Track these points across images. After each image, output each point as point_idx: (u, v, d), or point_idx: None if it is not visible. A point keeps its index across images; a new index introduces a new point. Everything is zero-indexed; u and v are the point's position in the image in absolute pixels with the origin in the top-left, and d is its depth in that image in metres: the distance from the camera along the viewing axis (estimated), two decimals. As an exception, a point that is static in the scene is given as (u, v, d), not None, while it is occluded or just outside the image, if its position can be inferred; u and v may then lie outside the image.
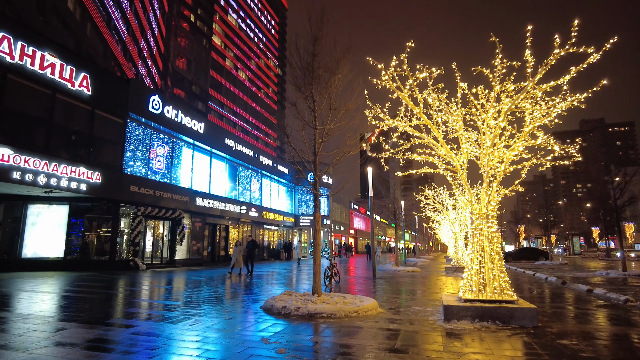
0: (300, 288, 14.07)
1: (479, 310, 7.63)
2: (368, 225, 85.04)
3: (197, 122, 26.73)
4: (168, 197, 23.69)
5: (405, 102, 8.63)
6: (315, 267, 9.50)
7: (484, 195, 8.51)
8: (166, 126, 23.89)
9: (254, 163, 34.78)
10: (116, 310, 9.04)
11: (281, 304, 8.60)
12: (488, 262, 8.12)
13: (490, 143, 8.23)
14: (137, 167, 22.01)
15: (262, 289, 13.26)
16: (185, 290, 12.85)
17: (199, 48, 76.63)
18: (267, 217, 36.60)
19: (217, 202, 28.66)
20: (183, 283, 15.48)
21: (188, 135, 25.88)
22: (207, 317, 8.09)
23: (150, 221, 23.68)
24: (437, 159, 9.12)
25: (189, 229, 26.53)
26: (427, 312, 8.87)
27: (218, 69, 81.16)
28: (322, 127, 9.96)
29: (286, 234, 43.07)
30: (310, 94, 9.94)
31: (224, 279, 17.18)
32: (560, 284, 16.10)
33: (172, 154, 25.07)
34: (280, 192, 42.32)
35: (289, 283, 16.03)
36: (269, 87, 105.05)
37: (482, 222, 8.37)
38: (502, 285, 7.95)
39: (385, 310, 9.02)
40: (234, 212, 30.92)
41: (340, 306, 8.37)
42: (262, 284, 15.25)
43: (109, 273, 18.43)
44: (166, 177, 24.35)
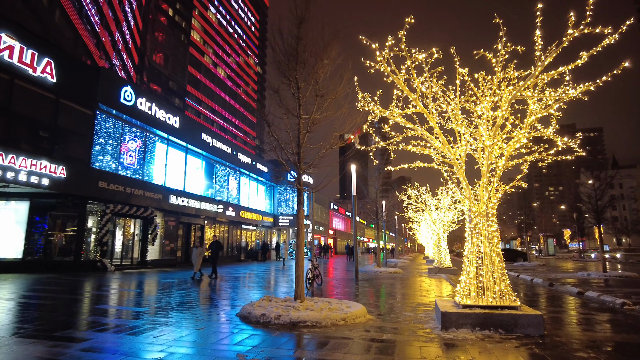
0: (280, 292, 13.16)
1: (480, 317, 6.91)
2: (347, 225, 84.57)
3: (172, 115, 25.46)
4: (140, 195, 22.39)
5: (400, 87, 7.85)
6: (298, 270, 8.64)
7: (483, 191, 7.82)
8: (139, 119, 22.58)
9: (232, 160, 33.61)
10: (71, 319, 7.95)
11: (260, 310, 7.69)
12: (488, 264, 7.42)
13: (492, 135, 7.53)
14: (106, 162, 20.66)
15: (239, 293, 12.29)
16: (154, 294, 11.78)
17: (177, 43, 74.66)
18: (245, 217, 35.47)
19: (192, 200, 27.42)
20: (153, 286, 14.36)
21: (162, 129, 24.60)
22: (175, 326, 7.12)
23: (120, 220, 22.32)
24: (432, 151, 8.37)
25: (162, 229, 25.24)
26: (419, 319, 8.11)
27: (196, 65, 79.28)
28: (307, 116, 9.11)
29: (264, 234, 41.99)
30: (295, 80, 9.07)
31: (199, 281, 16.12)
32: (547, 285, 15.68)
33: (145, 149, 23.76)
34: (259, 191, 41.22)
35: (268, 286, 15.09)
36: (249, 85, 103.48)
37: (481, 220, 7.67)
38: (504, 290, 7.26)
39: (374, 317, 8.22)
40: (210, 211, 29.71)
41: (326, 313, 7.52)
42: (239, 287, 14.27)
43: (73, 275, 17.09)
44: (138, 173, 23.03)
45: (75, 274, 17.64)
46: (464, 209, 23.13)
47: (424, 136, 8.40)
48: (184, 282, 15.48)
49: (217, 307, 9.59)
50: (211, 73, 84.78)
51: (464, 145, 8.01)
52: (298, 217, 8.89)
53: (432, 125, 8.28)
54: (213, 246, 18.29)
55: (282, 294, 12.12)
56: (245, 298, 11.04)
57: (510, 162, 7.89)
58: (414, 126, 8.53)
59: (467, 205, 7.98)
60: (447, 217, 23.00)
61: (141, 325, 7.15)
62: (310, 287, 13.31)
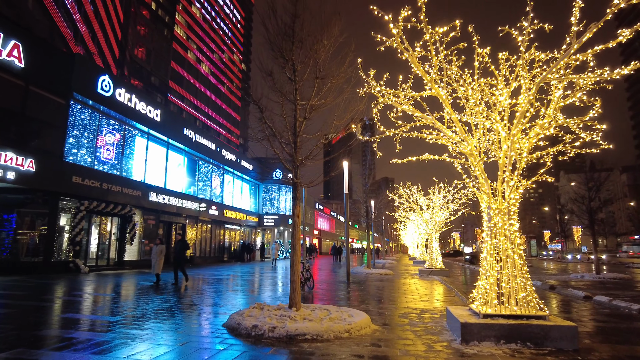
0: (269, 297, 12.14)
1: (505, 328, 6.05)
2: (332, 226, 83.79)
3: (153, 108, 24.14)
4: (117, 191, 21.04)
5: (415, 66, 6.95)
6: (294, 274, 7.64)
7: (502, 186, 6.97)
8: (117, 111, 21.23)
9: (215, 157, 32.35)
10: (26, 333, 6.78)
11: (251, 321, 6.68)
12: (510, 267, 6.58)
13: (515, 122, 6.67)
14: (81, 156, 19.28)
15: (225, 298, 11.22)
16: (130, 300, 10.63)
17: (160, 38, 72.65)
18: (228, 216, 34.24)
19: (173, 198, 26.12)
20: (130, 289, 13.17)
21: (142, 122, 23.26)
22: (152, 341, 6.06)
23: (96, 217, 20.93)
24: (447, 141, 7.49)
25: (141, 227, 23.88)
26: (431, 329, 7.22)
27: (179, 60, 77.38)
28: (305, 102, 8.14)
29: (248, 234, 40.76)
30: (291, 61, 8.09)
31: (179, 284, 14.97)
32: (548, 289, 15.03)
33: (123, 142, 22.40)
34: (244, 190, 40.00)
35: (256, 290, 14.05)
36: (233, 82, 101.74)
37: (502, 219, 6.83)
38: (529, 297, 6.42)
39: (379, 327, 7.30)
40: (192, 209, 28.44)
41: (327, 324, 6.56)
42: (224, 291, 13.18)
43: (43, 277, 15.72)
44: (116, 169, 21.67)
45: (45, 276, 16.26)
46: (454, 208, 22.50)
47: (435, 125, 7.54)
48: (163, 285, 14.32)
49: (201, 315, 8.52)
50: (195, 69, 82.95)
51: (483, 135, 7.15)
52: (294, 214, 7.90)
53: (446, 113, 7.43)
54: (177, 246, 15.43)
55: (272, 299, 11.11)
56: (232, 304, 10.00)
57: (532, 155, 7.07)
58: (422, 115, 7.66)
59: (484, 202, 7.13)
60: (439, 216, 22.29)
61: (111, 340, 6.06)
62: (302, 291, 12.34)
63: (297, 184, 7.83)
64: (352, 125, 8.36)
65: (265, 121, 7.95)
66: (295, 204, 7.88)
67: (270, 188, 43.23)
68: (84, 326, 7.14)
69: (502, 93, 6.89)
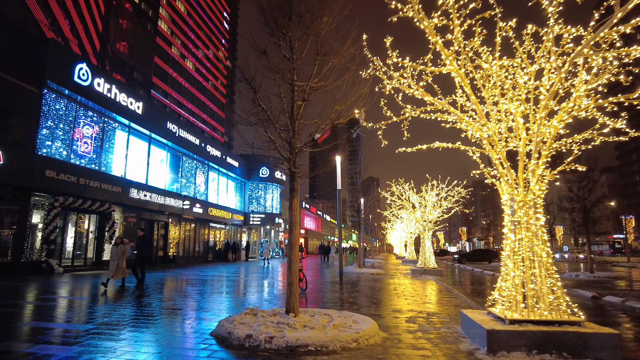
0: (258, 299, 11.24)
1: (537, 336, 5.28)
2: (319, 225, 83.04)
3: (134, 100, 22.93)
4: (96, 187, 19.82)
5: (431, 38, 6.15)
6: (292, 275, 6.77)
7: (524, 175, 6.24)
8: (96, 102, 19.99)
9: (200, 153, 31.19)
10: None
11: (244, 330, 5.78)
12: (539, 266, 5.83)
13: (544, 104, 5.92)
14: (56, 149, 18.04)
15: (211, 301, 10.28)
16: (105, 303, 9.60)
17: (143, 32, 70.75)
18: (213, 214, 33.09)
19: (155, 195, 24.93)
20: (110, 289, 12.12)
21: (123, 115, 22.04)
22: (126, 356, 5.13)
23: (72, 215, 19.69)
24: (463, 125, 6.71)
25: (121, 225, 22.64)
26: (446, 336, 6.44)
27: (163, 56, 75.56)
28: (304, 83, 7.27)
29: (234, 233, 39.62)
30: (287, 39, 7.22)
31: (160, 285, 13.94)
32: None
33: (102, 136, 21.16)
34: (229, 188, 38.85)
35: (243, 292, 13.11)
36: (218, 79, 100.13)
37: (527, 212, 6.08)
38: (560, 299, 5.69)
39: (388, 335, 6.48)
40: (176, 207, 27.27)
41: (332, 333, 5.71)
42: (209, 293, 12.22)
43: (10, 279, 14.51)
44: (94, 163, 20.43)
45: (14, 277, 15.04)
46: (448, 206, 21.89)
47: (450, 110, 6.77)
48: (145, 284, 13.27)
49: (185, 321, 7.58)
50: (179, 65, 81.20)
51: (506, 118, 6.38)
52: (291, 208, 7.02)
53: (460, 95, 6.66)
54: (140, 244, 13.40)
55: (264, 303, 10.21)
56: (219, 309, 9.06)
57: (558, 142, 6.34)
58: (434, 99, 6.89)
59: (506, 194, 6.37)
60: (431, 214, 21.65)
61: (77, 355, 5.09)
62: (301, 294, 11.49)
63: (295, 174, 6.96)
64: (355, 110, 7.51)
65: (259, 103, 7.05)
66: (293, 196, 7.00)
67: (257, 186, 42.17)
68: (48, 337, 6.14)
69: (528, 72, 6.13)
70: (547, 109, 5.97)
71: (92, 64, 20.18)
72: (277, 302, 10.18)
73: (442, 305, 9.90)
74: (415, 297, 11.47)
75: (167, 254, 27.13)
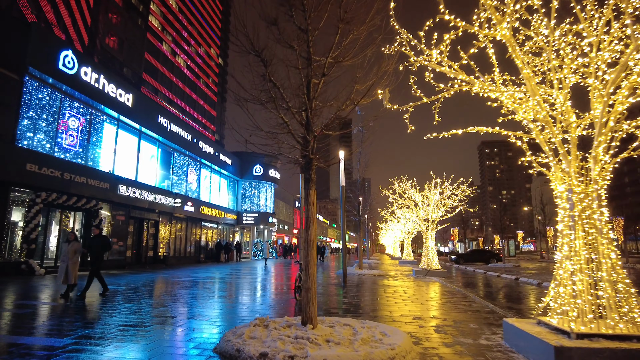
0: (263, 305, 10.22)
1: (617, 355, 4.36)
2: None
3: (124, 92, 21.73)
4: (82, 182, 18.62)
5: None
6: (309, 280, 5.75)
7: (577, 164, 5.33)
8: (83, 92, 18.79)
9: (192, 149, 30.01)
10: None
11: (256, 347, 4.77)
12: (608, 269, 4.91)
13: (615, 76, 5.00)
14: (38, 141, 16.83)
15: (208, 307, 9.24)
16: (89, 310, 8.51)
17: (134, 27, 69.16)
18: (205, 213, 31.93)
19: (145, 192, 23.74)
20: (91, 296, 11.00)
21: (112, 107, 20.84)
22: (112, 379, 4.09)
23: (56, 212, 18.45)
24: (510, 103, 5.78)
25: (109, 224, 21.43)
26: (489, 348, 5.49)
27: (154, 52, 73.97)
28: (321, 58, 6.28)
29: (226, 232, 38.42)
30: (301, 6, 6.22)
31: (151, 288, 12.85)
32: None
33: (89, 128, 19.95)
34: (222, 186, 37.68)
35: (243, 295, 12.07)
36: (209, 77, 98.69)
37: (590, 205, 5.16)
38: (635, 309, 4.78)
39: (423, 350, 5.52)
40: (166, 205, 26.09)
41: (364, 350, 4.72)
42: (205, 297, 11.16)
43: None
44: (81, 157, 19.23)
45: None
46: (453, 205, 21.04)
47: (484, 90, 5.85)
48: (133, 289, 12.18)
49: (181, 332, 6.55)
50: (170, 62, 79.63)
51: (567, 95, 5.45)
52: (307, 201, 6.02)
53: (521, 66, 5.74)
54: (94, 243, 11.10)
55: (271, 310, 9.20)
56: (220, 317, 8.04)
57: (623, 124, 5.43)
58: (467, 77, 5.98)
59: (564, 184, 5.45)
60: (436, 213, 20.78)
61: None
62: (300, 296, 10.51)
63: (312, 161, 5.96)
64: (379, 90, 6.55)
65: (271, 78, 6.04)
66: (310, 187, 6.00)
67: (250, 184, 41.05)
68: (12, 357, 5.07)
69: (596, 33, 5.19)
70: (614, 84, 5.06)
71: (79, 51, 18.97)
72: (285, 309, 9.18)
73: (465, 312, 8.98)
74: (431, 302, 10.53)
75: (157, 254, 25.92)
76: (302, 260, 5.98)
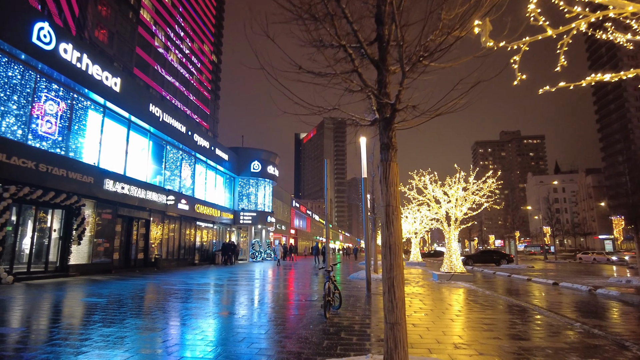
0: (295, 331, 7.99)
1: None
2: (308, 225, 79.86)
3: (111, 75, 19.38)
4: (61, 176, 16.28)
5: None
6: (398, 312, 3.56)
7: None
8: (62, 72, 16.45)
9: (186, 143, 27.65)
10: None
11: None
12: None
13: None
14: (7, 126, 14.47)
15: (219, 330, 7.01)
16: (59, 333, 6.25)
17: (124, 21, 66.66)
18: (200, 212, 29.57)
19: (135, 188, 21.38)
20: (67, 310, 8.72)
21: (97, 91, 18.49)
22: None
23: (30, 209, 16.06)
24: None
25: (93, 223, 19.05)
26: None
27: (146, 47, 71.44)
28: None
29: (222, 232, 36.02)
30: None
31: (139, 300, 10.58)
32: (618, 299, 11.58)
33: (70, 114, 17.59)
34: (218, 183, 35.33)
35: (259, 312, 9.83)
36: (203, 73, 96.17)
37: None
38: None
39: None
40: (159, 203, 23.73)
41: None
42: (209, 314, 8.92)
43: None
44: (60, 147, 16.87)
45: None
46: (479, 201, 18.92)
47: None
48: (116, 302, 9.89)
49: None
50: (162, 57, 77.06)
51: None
52: (386, 181, 3.82)
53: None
54: None
55: (309, 340, 6.98)
56: (242, 352, 5.83)
57: None
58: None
59: None
60: (460, 210, 18.68)
61: None
62: (331, 312, 8.34)
63: (395, 115, 3.76)
64: (476, 21, 4.39)
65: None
66: (389, 157, 3.78)
67: (247, 182, 38.73)
68: None
69: None
70: None
71: (58, 25, 16.60)
72: (318, 336, 6.97)
73: (559, 335, 6.83)
74: (500, 318, 8.36)
75: (148, 257, 23.54)
76: (383, 275, 3.77)
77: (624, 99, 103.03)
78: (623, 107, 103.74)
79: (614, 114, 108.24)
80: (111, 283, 14.60)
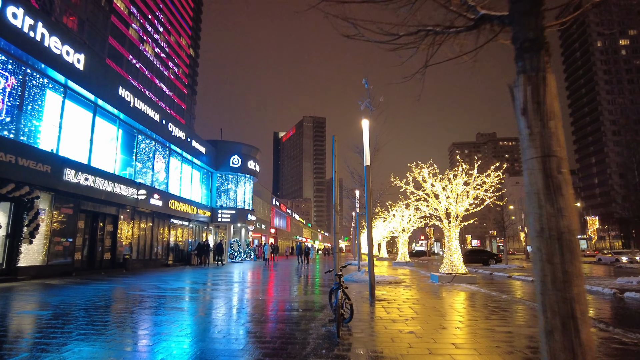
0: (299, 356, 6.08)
1: None
2: (288, 224, 77.78)
3: (72, 50, 17.00)
4: (8, 162, 13.87)
5: None
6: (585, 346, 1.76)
7: None
8: (11, 41, 14.04)
9: (160, 132, 25.30)
10: None
11: None
12: None
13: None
14: (-59, 101, 12.04)
15: (186, 354, 5.07)
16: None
17: (96, 8, 63.30)
18: (175, 208, 27.23)
19: (101, 180, 18.99)
20: (7, 327, 6.60)
21: (56, 68, 16.11)
22: None
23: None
24: None
25: (50, 218, 16.63)
26: None
27: (120, 37, 68.12)
28: None
29: (198, 231, 33.64)
30: None
31: (95, 313, 8.48)
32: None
33: (22, 93, 15.18)
34: (194, 178, 32.96)
35: (251, 324, 7.88)
36: (179, 67, 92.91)
37: None
38: None
39: None
40: (128, 197, 21.35)
41: None
42: (191, 333, 6.94)
43: None
44: (8, 129, 14.47)
45: None
46: (481, 196, 17.39)
47: None
48: (65, 314, 7.76)
49: None
50: (137, 49, 73.70)
51: None
52: (540, 106, 2.02)
53: None
54: None
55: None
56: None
57: None
58: None
59: None
60: (462, 206, 17.12)
61: None
62: (344, 327, 6.56)
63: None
64: None
65: None
66: (541, 63, 1.98)
67: (226, 177, 36.47)
68: None
69: None
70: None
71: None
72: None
73: None
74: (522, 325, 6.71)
75: (115, 257, 21.13)
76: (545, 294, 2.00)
77: (597, 102, 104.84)
78: (596, 110, 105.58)
79: (587, 116, 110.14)
80: (67, 288, 12.36)
